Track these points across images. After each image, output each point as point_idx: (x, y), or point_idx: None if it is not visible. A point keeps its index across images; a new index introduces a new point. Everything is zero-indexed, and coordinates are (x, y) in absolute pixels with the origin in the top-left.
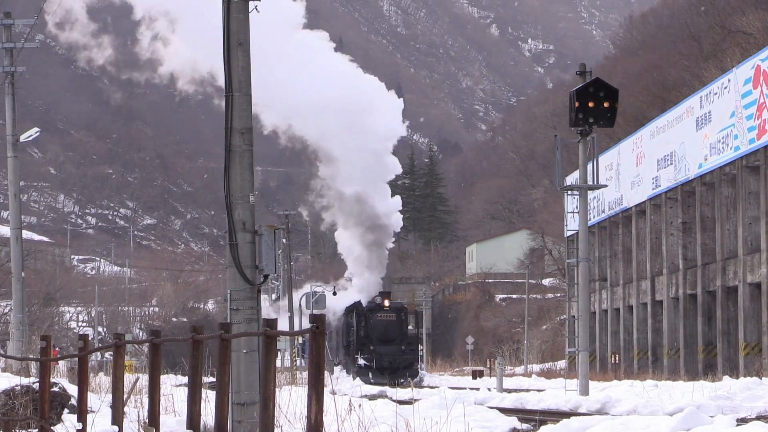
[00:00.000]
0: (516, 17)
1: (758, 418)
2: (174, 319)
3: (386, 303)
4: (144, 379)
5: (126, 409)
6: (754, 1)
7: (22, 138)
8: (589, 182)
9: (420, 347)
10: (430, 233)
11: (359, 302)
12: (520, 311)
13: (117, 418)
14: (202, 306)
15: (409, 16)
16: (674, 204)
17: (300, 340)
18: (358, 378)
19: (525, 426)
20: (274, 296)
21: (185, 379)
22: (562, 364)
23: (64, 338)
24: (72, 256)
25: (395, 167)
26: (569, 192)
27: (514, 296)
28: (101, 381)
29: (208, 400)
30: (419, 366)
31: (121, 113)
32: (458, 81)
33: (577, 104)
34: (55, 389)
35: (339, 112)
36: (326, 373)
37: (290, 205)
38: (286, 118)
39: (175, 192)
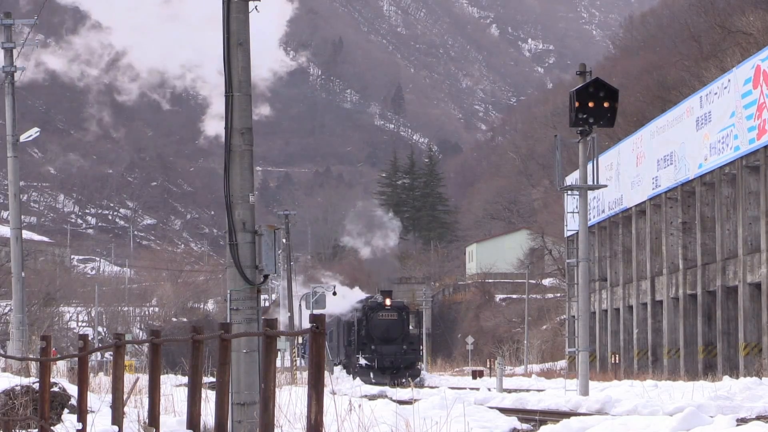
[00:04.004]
0: (516, 17)
1: (758, 418)
2: (174, 319)
3: (387, 302)
4: (144, 379)
5: (126, 409)
6: (754, 1)
7: (22, 138)
8: (589, 182)
9: (420, 347)
10: (430, 233)
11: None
12: (520, 311)
13: (117, 418)
14: (202, 306)
15: (409, 16)
16: (674, 204)
17: (300, 340)
18: (358, 378)
19: (525, 426)
20: (274, 296)
21: (185, 379)
22: (562, 364)
23: (64, 338)
24: (72, 256)
25: None
26: (569, 192)
27: (514, 296)
28: (101, 381)
29: (208, 400)
30: (420, 366)
31: (121, 113)
32: (458, 81)
33: (577, 104)
34: (55, 389)
35: None
36: (326, 373)
37: (290, 205)
38: None
39: (175, 192)
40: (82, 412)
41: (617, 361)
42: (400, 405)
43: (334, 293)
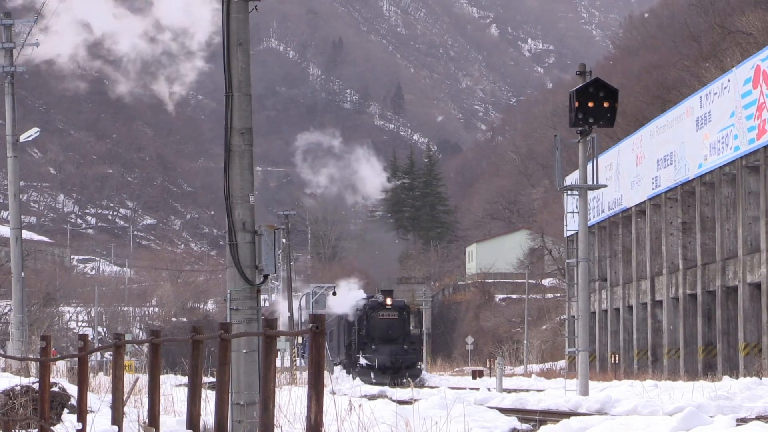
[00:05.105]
0: (516, 17)
1: (758, 418)
2: (174, 319)
3: (388, 301)
4: (144, 379)
5: (126, 409)
6: (754, 1)
7: (22, 138)
8: (589, 182)
9: (420, 347)
10: (430, 233)
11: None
12: (520, 311)
13: (117, 418)
14: (202, 306)
15: (409, 16)
16: (674, 204)
17: (300, 340)
18: (358, 378)
19: (525, 426)
20: (274, 296)
21: (185, 379)
22: (562, 364)
23: (64, 338)
24: (72, 256)
25: None
26: (569, 192)
27: (514, 296)
28: (101, 381)
29: (208, 400)
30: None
31: (122, 113)
32: (458, 81)
33: (576, 104)
34: (55, 389)
35: None
36: (326, 373)
37: (290, 205)
38: None
39: (175, 192)
40: (81, 412)
41: (617, 361)
42: (400, 405)
43: (334, 293)
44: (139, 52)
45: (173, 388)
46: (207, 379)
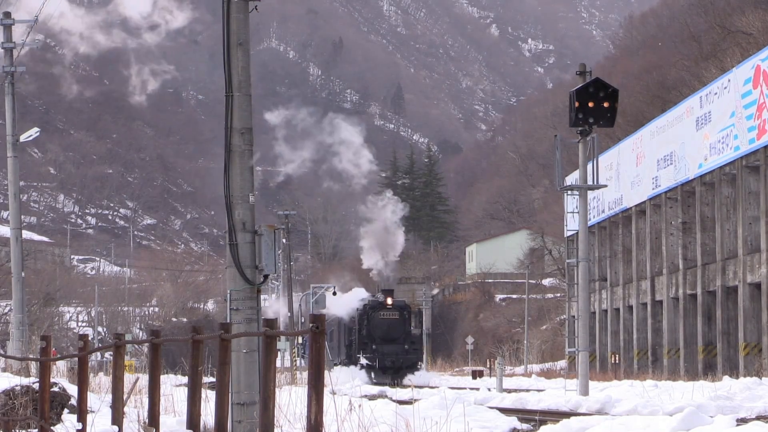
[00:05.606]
0: (516, 17)
1: (758, 418)
2: (174, 319)
3: (389, 301)
4: (144, 379)
5: (126, 409)
6: (754, 1)
7: (22, 138)
8: (589, 182)
9: (421, 347)
10: (430, 233)
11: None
12: (520, 311)
13: (117, 418)
14: (202, 306)
15: (409, 16)
16: (674, 204)
17: (300, 340)
18: (357, 378)
19: (525, 426)
20: (274, 296)
21: (185, 379)
22: (562, 364)
23: (64, 338)
24: (72, 256)
25: None
26: (569, 192)
27: (514, 296)
28: (101, 381)
29: (208, 400)
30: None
31: (122, 113)
32: (458, 81)
33: (577, 104)
34: (55, 389)
35: None
36: (326, 373)
37: (290, 205)
38: None
39: (175, 192)
40: (82, 412)
41: (617, 361)
42: (400, 405)
43: (334, 293)
44: (100, 48)
45: (173, 388)
46: (207, 379)
